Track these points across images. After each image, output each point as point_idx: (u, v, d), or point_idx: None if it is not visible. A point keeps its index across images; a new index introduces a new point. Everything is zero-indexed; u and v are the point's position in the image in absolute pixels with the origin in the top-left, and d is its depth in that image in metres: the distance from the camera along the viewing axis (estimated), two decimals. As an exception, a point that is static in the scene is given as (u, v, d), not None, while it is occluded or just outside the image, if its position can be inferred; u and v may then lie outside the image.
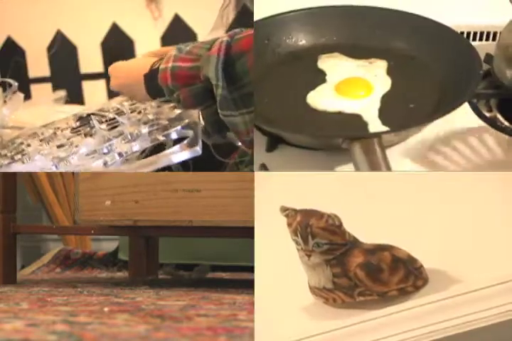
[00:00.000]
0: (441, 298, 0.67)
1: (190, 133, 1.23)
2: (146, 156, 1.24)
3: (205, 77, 1.17)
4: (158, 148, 1.26)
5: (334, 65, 1.28)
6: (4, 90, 1.67)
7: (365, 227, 0.82)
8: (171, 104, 1.34)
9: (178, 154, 1.17)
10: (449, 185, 0.94)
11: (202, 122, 1.27)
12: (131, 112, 1.38)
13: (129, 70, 1.32)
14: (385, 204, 0.93)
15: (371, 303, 0.68)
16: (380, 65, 1.27)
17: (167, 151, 1.18)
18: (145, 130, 1.25)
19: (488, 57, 1.25)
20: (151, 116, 1.33)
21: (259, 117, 1.18)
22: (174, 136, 1.23)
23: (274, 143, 1.19)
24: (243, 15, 1.68)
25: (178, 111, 1.32)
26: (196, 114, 1.26)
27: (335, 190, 1.21)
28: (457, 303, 0.65)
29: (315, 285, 0.72)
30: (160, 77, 1.21)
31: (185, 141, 1.20)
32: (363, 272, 0.69)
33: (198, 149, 1.18)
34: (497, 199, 0.85)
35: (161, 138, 1.22)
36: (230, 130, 1.25)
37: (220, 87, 1.15)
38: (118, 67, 1.35)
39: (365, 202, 1.00)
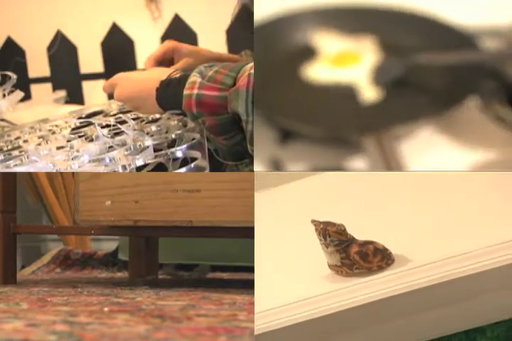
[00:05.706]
0: (402, 271, 1.08)
1: (196, 154, 1.21)
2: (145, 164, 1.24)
3: (233, 110, 1.16)
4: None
5: (327, 43, 1.33)
6: (3, 84, 1.67)
7: (355, 226, 1.12)
8: (180, 117, 1.33)
9: None
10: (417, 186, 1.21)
11: (216, 146, 1.26)
12: (134, 120, 1.37)
13: (140, 82, 1.28)
14: (365, 204, 1.21)
15: (363, 274, 1.09)
16: (371, 42, 1.32)
17: (174, 172, 1.17)
18: (149, 142, 1.23)
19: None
20: (154, 128, 1.32)
21: (271, 110, 1.19)
22: (179, 154, 1.22)
23: (286, 135, 1.19)
24: (243, 15, 1.68)
25: (185, 127, 1.31)
26: (202, 134, 1.25)
27: (334, 190, 1.21)
28: (409, 273, 1.07)
29: (331, 264, 1.11)
30: (184, 102, 1.19)
31: (192, 165, 1.18)
32: (358, 256, 1.09)
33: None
34: (442, 199, 1.17)
35: (167, 154, 1.21)
36: (244, 160, 1.25)
37: (250, 123, 1.14)
38: (126, 78, 1.31)
39: (359, 202, 1.21)
